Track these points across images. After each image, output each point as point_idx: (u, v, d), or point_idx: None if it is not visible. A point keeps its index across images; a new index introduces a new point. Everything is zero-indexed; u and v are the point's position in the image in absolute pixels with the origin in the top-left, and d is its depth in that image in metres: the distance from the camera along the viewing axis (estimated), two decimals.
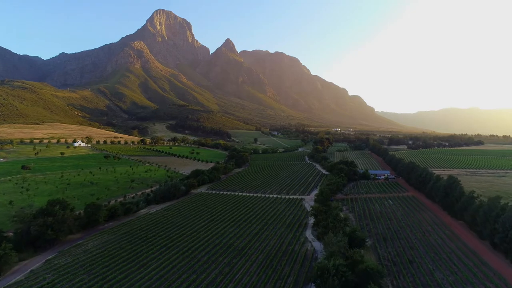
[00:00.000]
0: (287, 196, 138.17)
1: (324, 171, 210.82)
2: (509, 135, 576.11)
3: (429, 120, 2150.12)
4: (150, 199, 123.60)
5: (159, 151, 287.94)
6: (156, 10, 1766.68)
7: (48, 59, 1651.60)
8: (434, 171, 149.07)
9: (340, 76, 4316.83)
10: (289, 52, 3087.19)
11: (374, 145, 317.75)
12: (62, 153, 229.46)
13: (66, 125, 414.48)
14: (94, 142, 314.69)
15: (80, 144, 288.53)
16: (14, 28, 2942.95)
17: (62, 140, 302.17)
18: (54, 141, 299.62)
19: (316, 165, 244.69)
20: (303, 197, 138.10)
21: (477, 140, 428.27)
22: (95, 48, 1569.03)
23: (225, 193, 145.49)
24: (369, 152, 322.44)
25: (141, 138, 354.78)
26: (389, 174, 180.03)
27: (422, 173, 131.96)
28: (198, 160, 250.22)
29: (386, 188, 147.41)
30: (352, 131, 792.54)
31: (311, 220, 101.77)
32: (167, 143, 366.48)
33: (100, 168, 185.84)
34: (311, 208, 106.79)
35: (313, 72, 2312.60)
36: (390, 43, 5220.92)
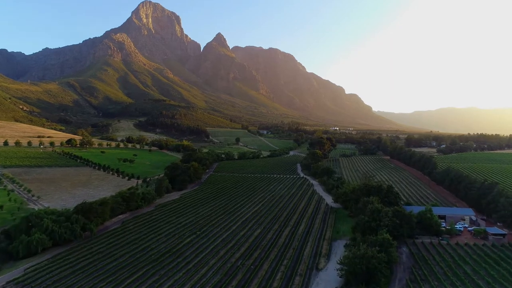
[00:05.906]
0: None
1: (329, 200, 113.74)
2: None
3: (426, 120, 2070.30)
4: None
5: (76, 157, 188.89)
6: (142, 2, 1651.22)
7: (30, 55, 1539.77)
8: None
9: (336, 74, 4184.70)
10: (284, 49, 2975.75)
11: (397, 148, 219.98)
12: None
13: None
14: None
15: None
16: None
17: None
18: None
19: (314, 182, 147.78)
20: None
21: None
22: (79, 43, 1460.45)
23: None
24: (388, 158, 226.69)
25: (68, 138, 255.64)
26: (473, 217, 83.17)
27: None
28: (121, 174, 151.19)
29: None
30: (352, 130, 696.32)
31: None
32: (107, 145, 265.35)
33: None
34: None
35: (308, 70, 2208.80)
36: (388, 43, 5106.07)
